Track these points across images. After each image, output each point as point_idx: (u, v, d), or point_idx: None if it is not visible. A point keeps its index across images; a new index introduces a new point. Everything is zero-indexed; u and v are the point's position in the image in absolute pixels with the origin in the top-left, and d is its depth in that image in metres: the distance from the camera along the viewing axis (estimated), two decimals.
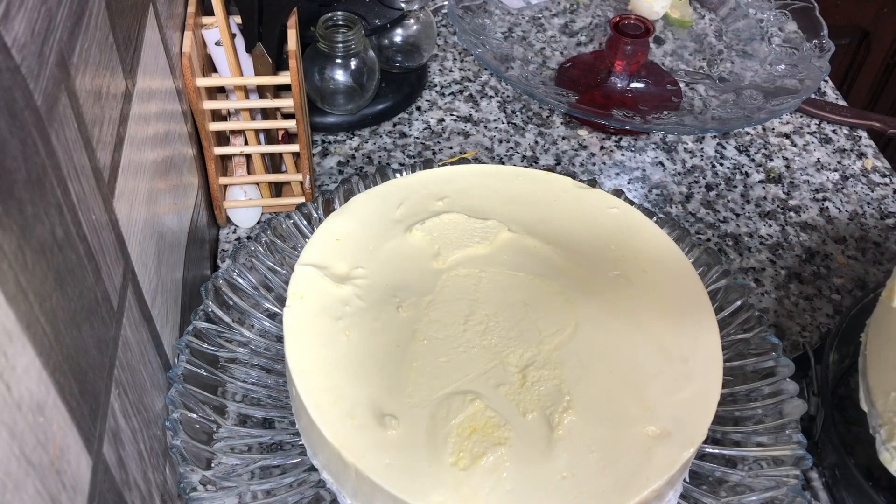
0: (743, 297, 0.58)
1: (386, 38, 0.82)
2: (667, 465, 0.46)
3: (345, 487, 0.47)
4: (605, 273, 0.56)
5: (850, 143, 0.84)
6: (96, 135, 0.39)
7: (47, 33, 0.34)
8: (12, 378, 0.28)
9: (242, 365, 0.55)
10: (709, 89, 0.85)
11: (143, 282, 0.46)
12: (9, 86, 0.29)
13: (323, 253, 0.55)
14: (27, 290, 0.29)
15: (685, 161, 0.81)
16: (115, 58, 0.44)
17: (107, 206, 0.41)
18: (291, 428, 0.52)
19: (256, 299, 0.57)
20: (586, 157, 0.81)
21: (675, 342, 0.52)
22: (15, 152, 0.29)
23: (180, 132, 0.60)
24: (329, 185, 0.75)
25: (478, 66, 0.90)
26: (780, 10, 0.88)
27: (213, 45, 0.65)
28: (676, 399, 0.49)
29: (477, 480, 0.44)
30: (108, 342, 0.39)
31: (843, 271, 0.71)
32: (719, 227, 0.75)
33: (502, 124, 0.83)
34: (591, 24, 0.94)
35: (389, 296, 0.53)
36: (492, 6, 0.90)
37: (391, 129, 0.81)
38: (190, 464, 0.47)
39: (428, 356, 0.50)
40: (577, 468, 0.45)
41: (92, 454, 0.35)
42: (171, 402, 0.49)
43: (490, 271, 0.55)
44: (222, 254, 0.70)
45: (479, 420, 0.46)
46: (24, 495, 0.28)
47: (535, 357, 0.50)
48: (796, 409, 0.51)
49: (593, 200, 0.61)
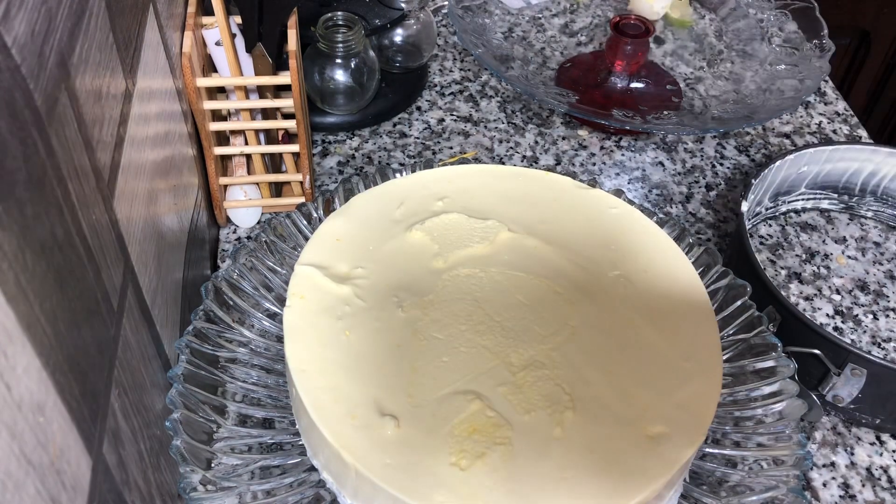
0: (743, 297, 0.58)
1: (386, 38, 0.82)
2: (667, 465, 0.46)
3: (345, 487, 0.47)
4: (605, 273, 0.56)
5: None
6: (96, 135, 0.39)
7: (47, 33, 0.34)
8: (12, 378, 0.28)
9: (242, 365, 0.55)
10: (709, 89, 0.85)
11: (143, 282, 0.46)
12: (9, 86, 0.29)
13: (323, 253, 0.55)
14: (27, 290, 0.29)
15: (685, 161, 0.81)
16: (115, 58, 0.44)
17: (107, 206, 0.41)
18: (291, 428, 0.52)
19: (256, 299, 0.57)
20: (586, 157, 0.81)
21: (675, 342, 0.52)
22: (15, 152, 0.29)
23: (180, 132, 0.60)
24: (329, 185, 0.75)
25: (478, 66, 0.90)
26: (780, 10, 0.88)
27: (213, 45, 0.65)
28: (676, 399, 0.49)
29: (477, 480, 0.44)
30: (108, 342, 0.39)
31: (843, 271, 0.71)
32: (719, 227, 0.75)
33: (502, 124, 0.83)
34: (591, 24, 0.94)
35: (390, 296, 0.53)
36: (492, 6, 0.90)
37: (391, 129, 0.81)
38: (190, 464, 0.47)
39: (428, 356, 0.50)
40: (577, 468, 0.45)
41: (92, 454, 0.35)
42: (171, 402, 0.49)
43: (490, 271, 0.55)
44: (222, 254, 0.70)
45: (480, 420, 0.46)
46: (24, 495, 0.28)
47: (536, 357, 0.50)
48: (796, 409, 0.51)
49: (593, 200, 0.61)
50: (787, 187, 0.74)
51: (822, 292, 0.70)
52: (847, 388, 0.58)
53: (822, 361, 0.57)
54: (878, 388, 0.57)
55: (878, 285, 0.70)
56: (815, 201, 0.76)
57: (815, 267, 0.72)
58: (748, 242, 0.63)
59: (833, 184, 0.75)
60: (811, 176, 0.73)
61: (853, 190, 0.75)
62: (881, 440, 0.60)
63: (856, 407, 0.59)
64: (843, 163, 0.73)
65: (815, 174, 0.73)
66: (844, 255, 0.73)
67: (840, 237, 0.74)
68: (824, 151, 0.72)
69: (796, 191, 0.75)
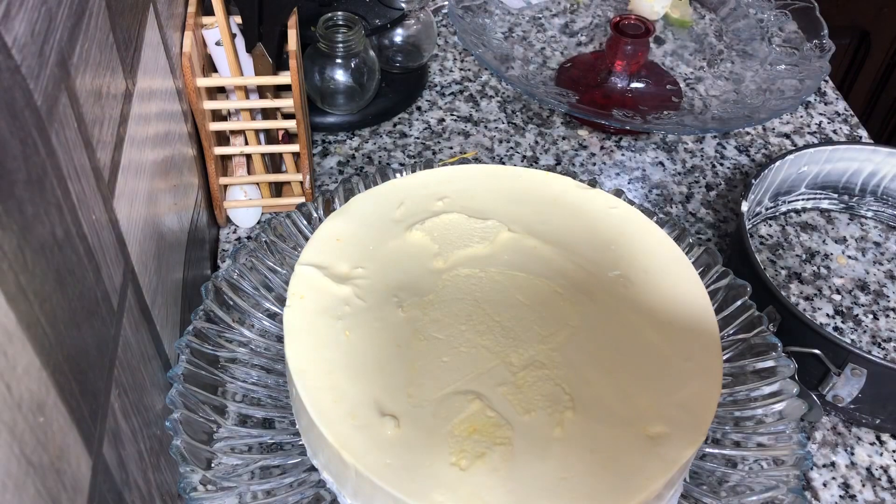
0: (743, 297, 0.58)
1: (386, 38, 0.82)
2: (667, 465, 0.46)
3: (345, 487, 0.47)
4: (605, 273, 0.56)
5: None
6: (96, 135, 0.39)
7: (47, 33, 0.34)
8: (12, 378, 0.28)
9: (242, 365, 0.55)
10: (709, 89, 0.85)
11: (143, 282, 0.46)
12: (9, 86, 0.29)
13: (323, 253, 0.55)
14: (27, 290, 0.29)
15: (685, 161, 0.81)
16: (116, 58, 0.44)
17: (107, 206, 0.41)
18: (291, 428, 0.52)
19: (256, 299, 0.57)
20: (586, 157, 0.81)
21: (675, 342, 0.52)
22: (15, 152, 0.29)
23: (180, 132, 0.60)
24: (329, 185, 0.75)
25: (478, 66, 0.90)
26: (780, 10, 0.88)
27: (213, 45, 0.65)
28: (676, 399, 0.49)
29: (477, 480, 0.44)
30: (108, 342, 0.39)
31: (843, 271, 0.71)
32: (719, 227, 0.75)
33: (502, 124, 0.83)
34: (592, 24, 0.94)
35: (390, 296, 0.53)
36: (492, 6, 0.90)
37: (391, 129, 0.81)
38: (190, 464, 0.47)
39: (428, 356, 0.50)
40: (577, 468, 0.45)
41: (92, 454, 0.35)
42: (171, 402, 0.49)
43: (490, 271, 0.55)
44: (222, 254, 0.70)
45: (480, 420, 0.46)
46: (24, 495, 0.28)
47: (536, 357, 0.50)
48: (796, 410, 0.51)
49: (593, 200, 0.61)
50: (787, 187, 0.74)
51: (822, 292, 0.70)
52: (847, 388, 0.58)
53: (822, 361, 0.57)
54: (878, 388, 0.57)
55: (878, 285, 0.70)
56: (815, 201, 0.76)
57: (815, 267, 0.72)
58: (748, 242, 0.63)
59: (833, 184, 0.75)
60: (811, 176, 0.73)
61: (853, 190, 0.75)
62: (881, 440, 0.60)
63: (856, 407, 0.59)
64: (843, 163, 0.73)
65: (815, 174, 0.73)
66: (844, 255, 0.73)
67: (840, 237, 0.74)
68: (824, 151, 0.72)
69: (796, 191, 0.75)
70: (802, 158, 0.71)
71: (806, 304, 0.68)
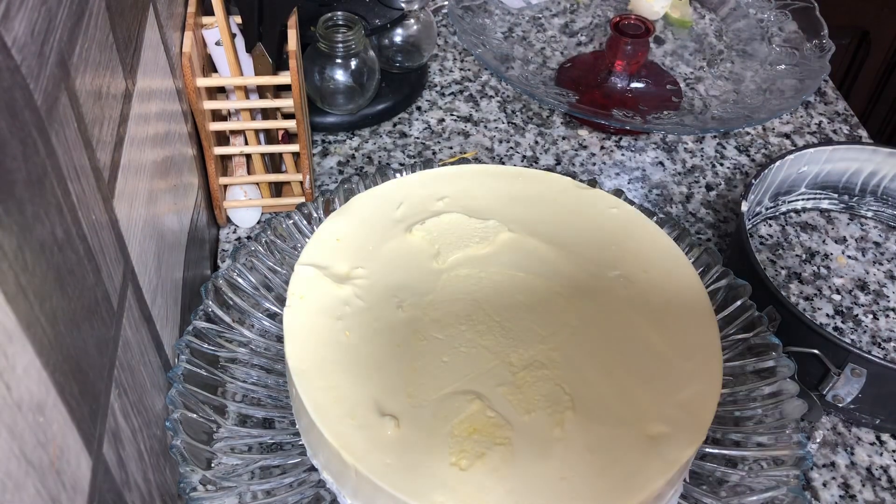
0: (743, 297, 0.58)
1: (386, 38, 0.82)
2: (667, 465, 0.46)
3: (345, 487, 0.47)
4: (605, 273, 0.56)
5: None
6: (96, 135, 0.39)
7: (47, 33, 0.34)
8: (12, 378, 0.28)
9: (242, 365, 0.55)
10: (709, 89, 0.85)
11: (143, 282, 0.46)
12: (9, 86, 0.29)
13: (323, 253, 0.55)
14: (27, 290, 0.29)
15: (685, 161, 0.81)
16: (115, 58, 0.44)
17: (107, 206, 0.41)
18: (291, 428, 0.52)
19: (256, 299, 0.57)
20: (586, 157, 0.81)
21: (675, 342, 0.52)
22: (15, 152, 0.29)
23: (180, 132, 0.60)
24: (329, 185, 0.75)
25: (478, 66, 0.90)
26: (780, 10, 0.88)
27: (213, 45, 0.65)
28: (676, 399, 0.49)
29: (477, 480, 0.44)
30: (108, 342, 0.39)
31: (843, 271, 0.71)
32: (719, 227, 0.75)
33: (502, 124, 0.83)
34: (592, 24, 0.94)
35: (390, 296, 0.53)
36: (492, 6, 0.90)
37: (391, 129, 0.81)
38: (190, 464, 0.47)
39: (428, 356, 0.50)
40: (577, 468, 0.45)
41: (92, 454, 0.35)
42: (171, 402, 0.49)
43: (490, 271, 0.55)
44: (222, 254, 0.70)
45: (480, 420, 0.46)
46: (24, 495, 0.28)
47: (536, 357, 0.50)
48: (796, 409, 0.51)
49: (593, 200, 0.61)
50: (787, 187, 0.74)
51: (822, 292, 0.70)
52: (847, 388, 0.58)
53: (822, 361, 0.57)
54: (878, 388, 0.57)
55: (878, 285, 0.70)
56: (815, 201, 0.76)
57: (815, 267, 0.72)
58: (748, 242, 0.63)
59: (833, 184, 0.75)
60: (811, 176, 0.73)
61: (853, 190, 0.75)
62: (881, 440, 0.60)
63: (856, 407, 0.59)
64: (843, 163, 0.73)
65: (815, 174, 0.73)
66: (844, 255, 0.73)
67: (840, 237, 0.74)
68: (824, 151, 0.72)
69: (796, 191, 0.75)
70: (802, 158, 0.71)
71: (806, 304, 0.68)
